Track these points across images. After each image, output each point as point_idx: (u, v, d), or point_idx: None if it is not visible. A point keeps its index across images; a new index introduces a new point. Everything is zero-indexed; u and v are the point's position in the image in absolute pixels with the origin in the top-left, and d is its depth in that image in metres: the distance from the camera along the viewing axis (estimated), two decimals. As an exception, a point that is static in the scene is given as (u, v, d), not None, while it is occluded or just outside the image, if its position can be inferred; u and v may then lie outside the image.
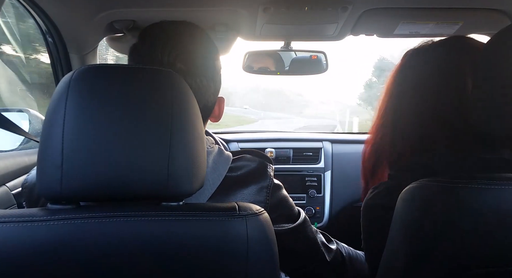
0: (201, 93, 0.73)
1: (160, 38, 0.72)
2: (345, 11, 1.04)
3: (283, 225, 0.74)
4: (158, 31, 0.74)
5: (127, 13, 1.09)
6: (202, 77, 0.73)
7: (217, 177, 0.68)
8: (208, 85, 0.74)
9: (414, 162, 0.72)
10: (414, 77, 0.75)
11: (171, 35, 0.72)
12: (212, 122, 0.82)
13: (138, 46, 0.74)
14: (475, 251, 0.55)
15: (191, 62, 0.71)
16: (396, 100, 0.77)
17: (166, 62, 0.70)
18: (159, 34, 0.73)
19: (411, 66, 0.76)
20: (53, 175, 0.48)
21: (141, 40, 0.74)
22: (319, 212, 1.64)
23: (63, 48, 1.23)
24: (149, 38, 0.73)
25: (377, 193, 0.74)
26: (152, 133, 0.50)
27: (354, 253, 0.91)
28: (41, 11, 1.09)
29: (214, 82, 0.76)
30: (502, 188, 0.55)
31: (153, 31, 0.75)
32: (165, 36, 0.72)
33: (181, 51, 0.71)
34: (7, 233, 0.48)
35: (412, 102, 0.74)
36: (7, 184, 1.04)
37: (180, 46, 0.71)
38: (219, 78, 0.78)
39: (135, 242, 0.49)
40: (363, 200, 0.78)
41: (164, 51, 0.70)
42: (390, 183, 0.74)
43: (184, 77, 0.71)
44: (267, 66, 1.44)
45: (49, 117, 0.50)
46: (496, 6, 1.07)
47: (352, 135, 1.91)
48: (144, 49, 0.72)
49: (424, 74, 0.73)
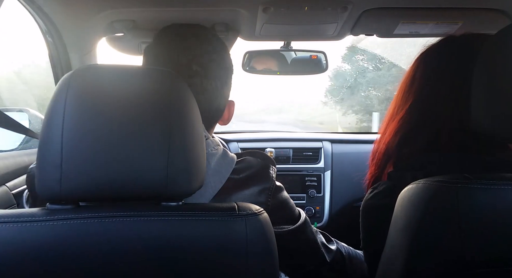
0: (215, 96, 0.74)
1: (176, 40, 0.73)
2: (345, 11, 1.04)
3: (284, 227, 0.74)
4: (174, 34, 0.75)
5: (127, 13, 1.09)
6: (217, 80, 0.74)
7: (219, 179, 0.68)
8: (222, 88, 0.75)
9: (414, 161, 0.71)
10: (422, 77, 0.75)
11: (187, 37, 0.73)
12: (221, 125, 0.83)
13: (154, 48, 0.75)
14: (475, 251, 0.55)
15: (206, 65, 0.72)
16: (405, 98, 0.77)
17: (183, 64, 0.71)
18: (176, 37, 0.74)
19: (420, 67, 0.77)
20: (53, 175, 0.48)
21: (157, 42, 0.75)
22: (319, 212, 1.64)
23: (63, 48, 1.23)
24: (165, 40, 0.74)
25: (376, 193, 0.74)
26: (151, 133, 0.50)
27: (354, 253, 0.91)
28: (40, 11, 1.09)
29: (227, 86, 0.77)
30: (501, 188, 0.55)
31: (169, 33, 0.76)
32: (181, 38, 0.73)
33: (197, 53, 0.72)
34: (7, 233, 0.48)
35: (418, 100, 0.74)
36: (7, 184, 1.04)
37: (195, 49, 0.72)
38: (231, 82, 0.79)
39: (134, 242, 0.49)
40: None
41: (180, 52, 0.71)
42: (390, 183, 0.74)
43: (200, 80, 0.72)
44: (267, 66, 1.44)
45: (48, 117, 0.50)
46: (496, 6, 1.07)
47: (352, 135, 1.92)
48: (160, 51, 0.73)
49: (430, 74, 0.74)
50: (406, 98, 0.76)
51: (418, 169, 0.69)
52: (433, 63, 0.74)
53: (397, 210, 0.63)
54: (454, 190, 0.55)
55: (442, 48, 0.75)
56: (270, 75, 1.50)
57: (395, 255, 0.62)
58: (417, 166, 0.70)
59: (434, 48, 0.76)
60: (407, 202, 0.61)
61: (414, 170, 0.69)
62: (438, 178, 0.58)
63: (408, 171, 0.70)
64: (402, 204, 0.62)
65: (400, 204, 0.62)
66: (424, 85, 0.74)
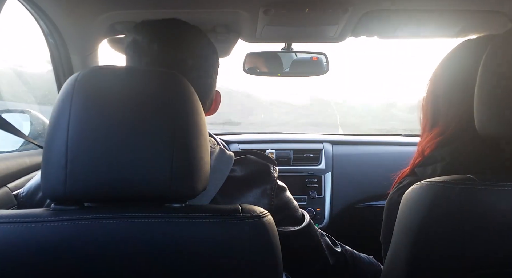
0: (210, 91, 0.76)
1: (169, 35, 0.71)
2: (346, 13, 1.04)
3: (288, 227, 0.73)
4: (165, 29, 0.72)
5: (129, 14, 1.10)
6: (213, 74, 0.76)
7: (219, 177, 0.68)
8: (213, 82, 0.77)
9: (435, 155, 0.73)
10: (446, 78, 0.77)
11: (180, 32, 0.72)
12: (207, 116, 0.82)
13: (142, 43, 0.70)
14: (479, 252, 0.55)
15: (201, 60, 0.72)
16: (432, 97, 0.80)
17: (179, 59, 0.70)
18: (168, 32, 0.72)
19: (445, 68, 0.78)
20: (58, 175, 0.49)
21: (146, 37, 0.71)
22: (319, 214, 1.64)
23: (65, 49, 1.23)
24: (157, 35, 0.71)
25: (399, 188, 0.76)
26: (156, 134, 0.50)
27: (358, 256, 0.91)
28: (42, 12, 1.10)
29: (215, 81, 0.78)
30: (505, 189, 0.55)
31: (159, 28, 0.73)
32: (172, 33, 0.72)
33: (192, 48, 0.71)
34: (12, 233, 0.48)
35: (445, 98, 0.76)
36: (8, 185, 1.04)
37: (188, 44, 0.72)
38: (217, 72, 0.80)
39: (138, 242, 0.49)
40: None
41: (177, 48, 0.70)
42: (413, 177, 0.75)
43: (198, 75, 0.71)
44: (268, 68, 1.45)
45: (54, 118, 0.50)
46: (496, 8, 1.07)
47: (353, 136, 1.92)
48: (153, 47, 0.69)
49: (454, 74, 0.75)
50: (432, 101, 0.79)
51: (438, 163, 0.71)
52: (452, 68, 0.76)
53: (401, 210, 0.63)
54: (457, 191, 0.55)
55: (459, 52, 0.76)
56: (271, 77, 1.50)
57: (399, 255, 0.62)
58: (437, 159, 0.71)
59: (454, 52, 0.77)
60: (410, 203, 0.61)
61: (434, 164, 0.71)
62: (441, 178, 0.59)
63: (429, 165, 0.72)
64: (406, 204, 0.62)
65: (404, 204, 0.62)
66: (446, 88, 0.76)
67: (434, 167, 0.71)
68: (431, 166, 0.71)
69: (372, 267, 0.91)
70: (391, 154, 1.74)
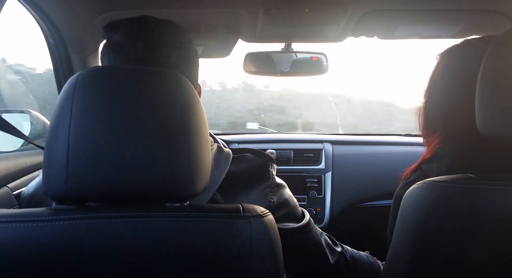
0: (196, 82, 0.76)
1: (149, 32, 0.71)
2: (346, 13, 1.04)
3: (288, 224, 0.73)
4: (143, 26, 0.72)
5: (128, 15, 1.10)
6: (195, 64, 0.76)
7: (219, 174, 0.67)
8: (197, 74, 0.77)
9: (440, 152, 0.73)
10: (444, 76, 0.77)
11: (159, 28, 0.72)
12: None
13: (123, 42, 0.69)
14: (480, 252, 0.55)
15: (184, 52, 0.72)
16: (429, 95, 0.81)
17: (164, 55, 0.69)
18: (147, 29, 0.71)
19: (443, 66, 0.79)
20: (59, 175, 0.49)
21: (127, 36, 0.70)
22: (319, 213, 1.64)
23: (65, 49, 1.23)
24: (137, 33, 0.70)
25: (407, 183, 0.76)
26: (156, 134, 0.50)
27: (358, 256, 0.91)
28: (42, 13, 1.10)
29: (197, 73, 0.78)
30: (506, 189, 0.55)
31: (136, 26, 0.72)
32: (155, 30, 0.71)
33: (173, 42, 0.71)
34: (13, 233, 0.48)
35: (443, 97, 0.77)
36: (8, 185, 1.04)
37: (168, 38, 0.71)
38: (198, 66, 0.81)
39: (139, 242, 0.49)
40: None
41: (160, 44, 0.69)
42: (420, 173, 0.75)
43: (185, 68, 0.71)
44: (268, 68, 1.45)
45: (55, 118, 0.51)
46: (496, 8, 1.07)
47: (353, 136, 1.92)
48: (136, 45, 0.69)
49: (453, 73, 0.76)
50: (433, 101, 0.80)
51: (442, 161, 0.71)
52: (450, 64, 0.77)
53: (402, 210, 0.63)
54: (458, 191, 0.55)
55: (460, 50, 0.77)
56: (271, 76, 1.50)
57: (400, 254, 0.62)
58: (442, 157, 0.72)
59: (454, 49, 0.78)
60: (412, 202, 0.61)
61: (439, 161, 0.71)
62: (442, 178, 0.59)
63: (434, 162, 0.72)
64: (407, 203, 0.62)
65: (405, 204, 0.62)
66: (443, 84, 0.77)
67: (439, 164, 0.71)
68: (436, 163, 0.72)
69: (372, 267, 0.91)
70: (391, 153, 1.74)
